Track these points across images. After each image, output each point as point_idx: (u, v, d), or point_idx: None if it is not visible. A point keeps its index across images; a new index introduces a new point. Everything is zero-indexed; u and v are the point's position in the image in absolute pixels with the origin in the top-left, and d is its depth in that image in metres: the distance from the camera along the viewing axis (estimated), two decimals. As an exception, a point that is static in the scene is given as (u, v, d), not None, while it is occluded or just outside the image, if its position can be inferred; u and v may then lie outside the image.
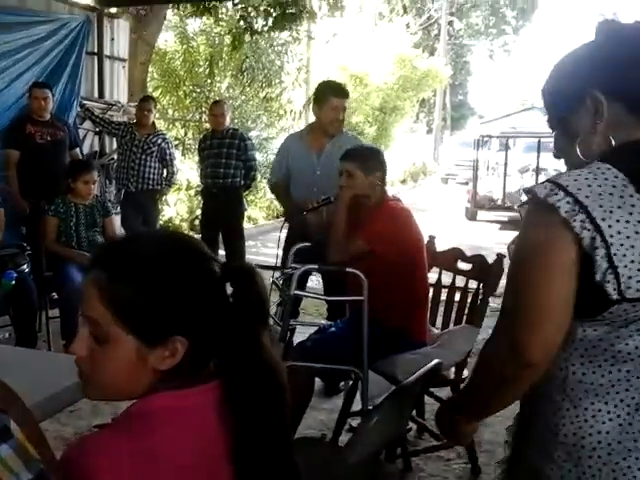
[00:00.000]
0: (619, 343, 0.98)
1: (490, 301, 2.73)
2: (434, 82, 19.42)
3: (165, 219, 7.71)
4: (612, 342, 0.99)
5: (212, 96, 9.50)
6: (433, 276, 2.90)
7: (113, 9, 6.48)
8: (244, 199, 5.79)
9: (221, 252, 5.19)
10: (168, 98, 9.84)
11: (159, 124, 6.42)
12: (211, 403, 0.91)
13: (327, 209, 3.09)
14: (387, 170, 2.84)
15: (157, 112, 5.93)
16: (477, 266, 2.79)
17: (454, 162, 19.58)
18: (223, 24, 9.46)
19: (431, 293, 2.86)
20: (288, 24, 7.72)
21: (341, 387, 3.38)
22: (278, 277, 2.90)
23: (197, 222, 8.11)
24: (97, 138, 6.15)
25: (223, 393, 0.92)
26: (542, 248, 0.99)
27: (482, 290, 2.71)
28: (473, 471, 2.71)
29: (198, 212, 8.18)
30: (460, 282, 2.90)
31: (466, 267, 2.89)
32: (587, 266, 0.95)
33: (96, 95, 6.12)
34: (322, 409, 3.24)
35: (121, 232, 4.37)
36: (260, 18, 7.75)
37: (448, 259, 2.91)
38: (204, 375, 0.93)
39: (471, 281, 2.83)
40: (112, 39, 6.34)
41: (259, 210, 10.18)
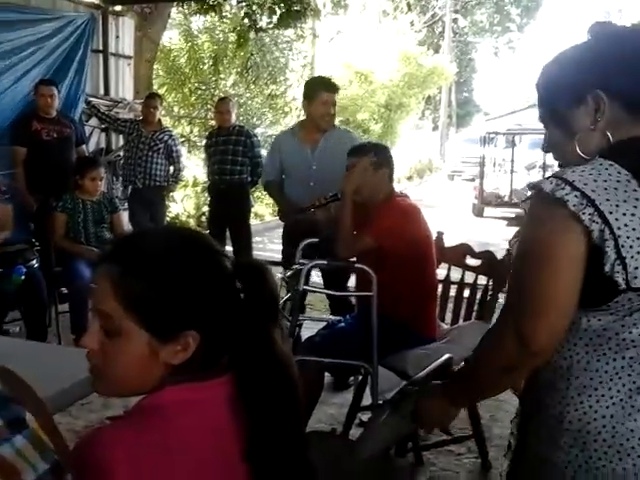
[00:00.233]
0: (623, 332, 1.01)
1: (499, 297, 2.72)
2: (439, 79, 19.38)
3: (172, 215, 7.72)
4: (617, 331, 1.02)
5: (217, 93, 9.52)
6: (442, 272, 2.89)
7: (118, 7, 6.48)
8: (251, 196, 5.79)
9: (228, 248, 5.19)
10: (173, 95, 9.86)
11: (165, 121, 6.42)
12: (223, 397, 0.91)
13: (334, 205, 3.09)
14: (394, 166, 2.84)
15: (163, 109, 5.94)
16: (486, 262, 2.78)
17: (460, 159, 19.55)
18: (227, 22, 9.47)
19: (440, 289, 2.86)
20: (293, 22, 7.70)
21: (350, 382, 3.38)
22: (286, 273, 2.89)
23: (204, 218, 8.12)
24: (103, 135, 6.17)
25: (235, 388, 0.92)
26: (550, 240, 1.01)
27: (491, 286, 2.70)
28: (484, 465, 2.70)
29: (205, 208, 8.20)
30: (469, 278, 2.89)
31: (475, 263, 2.88)
32: (596, 257, 0.98)
33: (102, 92, 6.13)
34: (332, 403, 3.24)
35: (129, 228, 4.36)
36: (265, 15, 7.73)
37: (457, 255, 2.90)
38: (215, 370, 0.93)
39: (480, 277, 2.82)
40: (117, 37, 6.35)
41: (265, 206, 10.18)
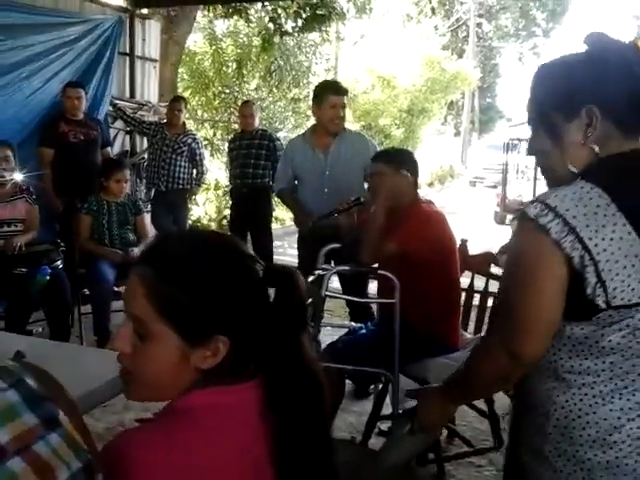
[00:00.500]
0: (603, 340, 1.09)
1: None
2: (463, 84, 19.27)
3: (194, 218, 7.76)
4: (597, 339, 1.10)
5: (240, 97, 9.55)
6: (465, 280, 2.87)
7: (145, 10, 6.54)
8: (272, 199, 5.80)
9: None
10: (197, 99, 9.92)
11: (189, 124, 6.47)
12: (251, 402, 0.91)
13: (357, 210, 3.08)
14: (419, 172, 2.82)
15: (187, 112, 5.98)
16: (510, 270, 2.74)
17: (482, 165, 19.43)
18: (252, 25, 9.51)
19: (463, 297, 2.83)
20: (318, 25, 7.72)
21: (370, 390, 3.36)
22: (306, 278, 2.88)
23: (225, 222, 8.15)
24: (128, 137, 6.22)
25: (263, 393, 0.92)
26: (534, 264, 1.09)
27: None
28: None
29: (226, 212, 8.23)
30: (493, 287, 2.86)
31: (499, 271, 2.85)
32: (577, 281, 1.06)
33: (128, 95, 6.18)
34: (352, 411, 3.22)
35: (151, 230, 4.40)
36: (290, 19, 7.76)
37: (481, 263, 2.88)
38: (243, 375, 0.93)
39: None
40: (143, 40, 6.39)
41: (286, 211, 10.19)
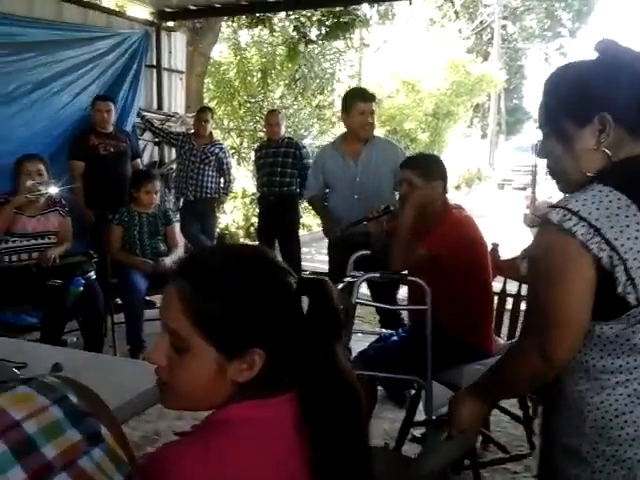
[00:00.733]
0: (634, 337, 1.11)
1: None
2: (488, 87, 19.13)
3: (221, 227, 7.82)
4: (628, 337, 1.11)
5: (266, 105, 9.62)
6: (497, 285, 2.84)
7: (170, 23, 6.64)
8: (299, 207, 5.82)
9: (278, 259, 5.21)
10: (223, 108, 10.02)
11: (215, 134, 6.53)
12: (289, 414, 0.91)
13: (387, 218, 3.08)
14: (448, 178, 2.80)
15: (213, 122, 6.03)
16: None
17: (510, 167, 19.23)
18: (276, 34, 9.58)
19: (496, 302, 2.80)
20: (342, 33, 7.73)
21: (406, 394, 3.33)
22: (336, 285, 2.88)
23: (253, 229, 8.20)
24: (156, 148, 6.31)
25: (300, 405, 0.92)
26: (563, 267, 1.11)
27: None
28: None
29: (254, 219, 8.28)
30: (525, 291, 2.82)
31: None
32: (606, 281, 1.08)
33: (155, 107, 6.27)
34: (385, 418, 3.21)
35: (181, 240, 4.44)
36: (314, 27, 7.79)
37: (513, 267, 2.84)
38: (280, 388, 0.93)
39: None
40: (170, 52, 6.48)
41: (313, 217, 10.21)
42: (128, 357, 3.75)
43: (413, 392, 2.91)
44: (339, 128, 11.29)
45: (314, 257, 8.03)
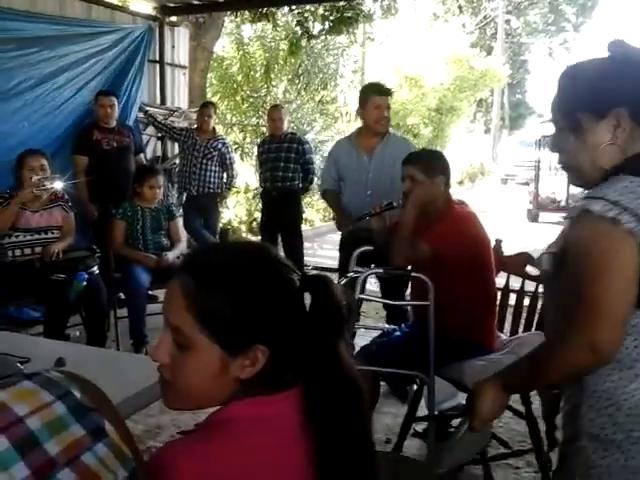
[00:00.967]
0: None
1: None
2: (492, 81, 19.05)
3: (224, 222, 7.82)
4: None
5: (269, 100, 9.60)
6: (500, 281, 2.83)
7: (173, 18, 6.63)
8: (302, 202, 5.82)
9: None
10: (226, 103, 10.00)
11: (218, 129, 6.52)
12: (292, 411, 0.91)
13: (390, 214, 3.07)
14: (450, 173, 2.80)
15: (216, 117, 6.03)
16: (547, 270, 2.69)
17: (513, 162, 19.18)
18: (279, 29, 9.55)
19: (499, 298, 2.79)
20: (345, 28, 7.71)
21: (409, 390, 3.34)
22: (339, 281, 2.89)
23: (255, 224, 8.20)
24: (159, 143, 6.31)
25: (303, 402, 0.92)
26: (609, 256, 1.12)
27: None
28: (544, 480, 2.62)
29: (256, 214, 8.28)
30: (529, 287, 2.82)
31: (535, 271, 2.80)
32: None
33: (158, 102, 6.27)
34: (387, 413, 3.21)
35: (184, 234, 4.45)
36: (317, 22, 7.77)
37: (517, 263, 2.83)
38: (283, 385, 0.93)
39: (541, 286, 2.74)
40: (173, 47, 6.48)
41: (315, 212, 10.21)
42: (131, 352, 3.76)
43: (415, 387, 2.91)
44: (342, 123, 11.29)
45: (316, 252, 8.04)
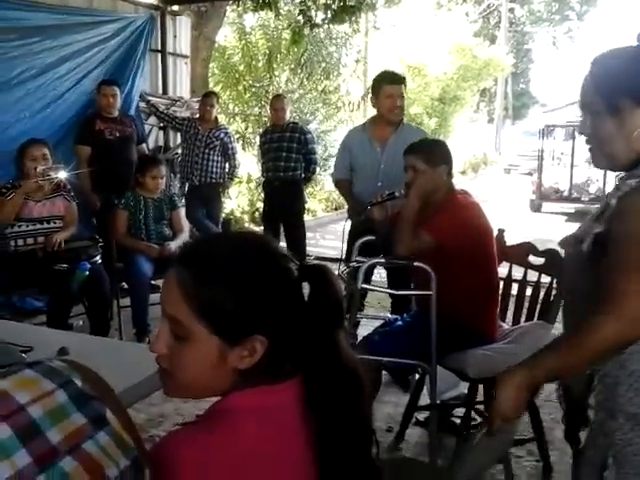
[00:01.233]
0: None
1: (563, 296, 2.63)
2: (495, 71, 18.97)
3: (227, 211, 7.83)
4: None
5: (271, 90, 9.57)
6: (503, 270, 2.83)
7: (175, 7, 6.59)
8: (304, 192, 5.81)
9: (282, 244, 5.23)
10: (228, 93, 9.96)
11: (220, 119, 6.51)
12: (291, 401, 0.92)
13: (392, 204, 3.06)
14: (453, 163, 2.79)
15: (218, 107, 6.02)
16: (550, 260, 2.69)
17: (517, 152, 19.13)
18: (282, 18, 9.49)
19: (501, 287, 2.79)
20: (348, 17, 7.65)
21: (410, 379, 3.35)
22: (343, 270, 2.89)
23: (257, 214, 8.20)
24: (162, 133, 6.30)
25: (303, 392, 0.92)
26: None
27: (555, 285, 2.62)
28: (545, 469, 2.63)
29: (259, 205, 8.27)
30: (531, 277, 2.82)
31: (537, 261, 2.80)
32: None
33: (160, 91, 6.25)
34: (388, 402, 3.22)
35: (186, 224, 4.45)
36: (320, 11, 7.71)
37: (519, 254, 2.83)
38: (282, 374, 0.94)
39: (543, 275, 2.75)
40: (175, 36, 6.45)
41: (318, 202, 10.21)
42: (134, 341, 3.78)
43: (417, 377, 2.92)
44: (344, 113, 11.24)
45: (319, 242, 8.04)
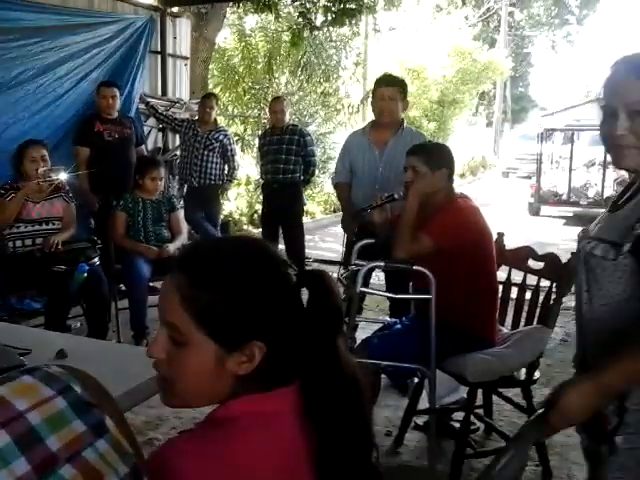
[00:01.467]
0: None
1: (563, 300, 2.62)
2: (494, 74, 18.99)
3: (225, 213, 7.82)
4: None
5: (270, 92, 9.57)
6: (502, 274, 2.83)
7: (175, 8, 6.59)
8: (303, 194, 5.80)
9: (280, 247, 5.22)
10: (228, 95, 9.95)
11: (219, 120, 6.50)
12: (290, 408, 0.91)
13: (392, 206, 3.06)
14: (454, 166, 2.78)
15: (217, 109, 6.01)
16: (549, 264, 2.69)
17: (515, 156, 19.14)
18: (281, 20, 9.49)
19: (500, 291, 2.79)
20: (348, 19, 7.65)
21: (409, 383, 3.34)
22: (342, 273, 2.89)
23: (256, 217, 8.19)
24: (161, 135, 6.29)
25: (302, 398, 0.91)
26: None
27: (555, 289, 2.62)
28: (544, 474, 2.63)
29: (257, 207, 8.26)
30: (530, 281, 2.82)
31: (537, 265, 2.80)
32: None
33: (160, 93, 6.25)
34: (387, 406, 3.22)
35: (185, 226, 4.45)
36: (320, 14, 7.72)
37: (518, 257, 2.83)
38: (281, 382, 0.93)
39: (542, 280, 2.74)
40: (174, 38, 6.45)
41: (317, 204, 10.20)
42: (132, 343, 3.77)
43: (416, 381, 2.91)
44: (344, 115, 11.24)
45: (317, 245, 8.04)
